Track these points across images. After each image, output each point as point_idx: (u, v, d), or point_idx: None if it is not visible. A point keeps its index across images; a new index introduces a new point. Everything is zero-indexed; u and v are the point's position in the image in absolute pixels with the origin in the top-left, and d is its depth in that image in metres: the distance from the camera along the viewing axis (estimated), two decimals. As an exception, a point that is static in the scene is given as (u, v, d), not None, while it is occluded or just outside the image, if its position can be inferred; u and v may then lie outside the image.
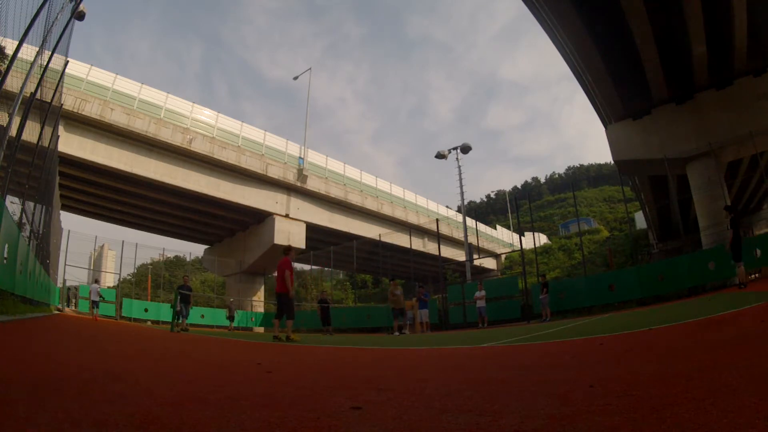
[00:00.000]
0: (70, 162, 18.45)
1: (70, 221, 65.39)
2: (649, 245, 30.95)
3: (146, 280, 32.34)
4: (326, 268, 35.50)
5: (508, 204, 68.54)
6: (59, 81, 10.53)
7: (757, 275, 12.97)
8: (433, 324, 14.56)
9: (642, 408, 1.17)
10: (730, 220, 9.08)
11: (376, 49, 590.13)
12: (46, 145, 10.01)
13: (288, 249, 8.15)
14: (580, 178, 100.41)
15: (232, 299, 23.31)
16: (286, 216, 25.47)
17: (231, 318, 20.41)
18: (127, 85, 20.04)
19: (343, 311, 21.34)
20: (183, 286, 12.64)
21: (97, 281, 19.44)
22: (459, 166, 21.58)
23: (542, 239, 51.28)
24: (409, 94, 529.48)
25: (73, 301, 21.17)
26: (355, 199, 28.54)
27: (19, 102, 5.71)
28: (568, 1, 11.33)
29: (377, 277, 39.85)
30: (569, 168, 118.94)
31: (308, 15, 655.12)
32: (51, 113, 9.82)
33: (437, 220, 20.86)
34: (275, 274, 8.65)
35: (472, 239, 23.47)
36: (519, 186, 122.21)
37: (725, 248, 9.52)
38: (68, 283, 20.84)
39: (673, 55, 13.22)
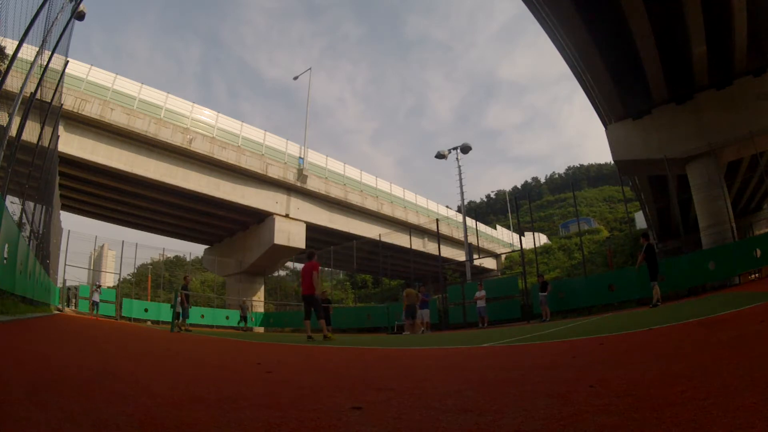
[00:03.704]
0: (70, 162, 18.46)
1: (70, 221, 65.47)
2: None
3: (146, 280, 32.36)
4: (326, 268, 35.50)
5: (508, 204, 68.57)
6: (59, 81, 10.52)
7: (757, 275, 12.97)
8: (433, 324, 14.56)
9: (642, 408, 1.17)
10: (645, 246, 9.56)
11: (375, 49, 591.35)
12: (46, 145, 10.01)
13: (312, 254, 8.61)
14: (580, 178, 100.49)
15: (245, 299, 23.43)
16: (286, 216, 25.47)
17: (244, 318, 20.45)
18: (127, 85, 20.04)
19: (344, 311, 21.33)
20: (185, 285, 12.66)
21: (99, 286, 19.61)
22: (459, 166, 21.60)
23: (542, 239, 51.29)
24: (408, 94, 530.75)
25: (73, 301, 21.20)
26: (355, 199, 28.54)
27: (19, 102, 5.71)
28: (568, 1, 11.32)
29: (377, 277, 39.84)
30: (569, 168, 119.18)
31: (306, 15, 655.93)
32: (51, 113, 9.82)
33: (437, 220, 20.87)
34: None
35: (472, 239, 23.47)
36: (519, 186, 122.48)
37: (636, 268, 10.55)
38: (68, 283, 20.87)
39: (673, 55, 13.22)
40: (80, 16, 9.68)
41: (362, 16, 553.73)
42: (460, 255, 31.59)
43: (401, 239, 25.05)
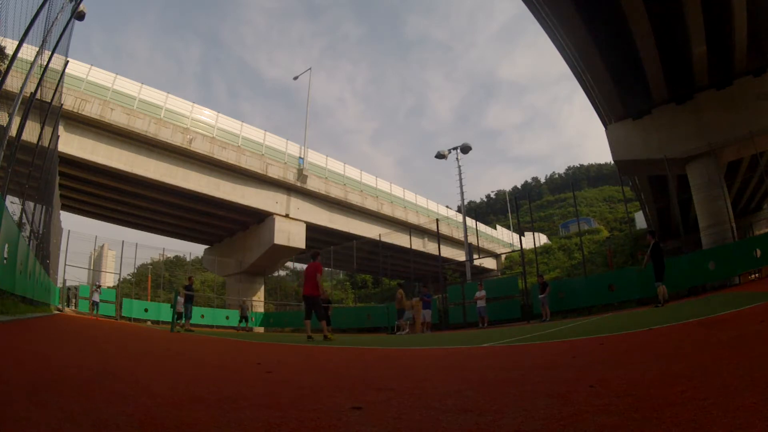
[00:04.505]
0: (70, 162, 18.46)
1: (70, 221, 65.50)
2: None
3: (146, 280, 32.37)
4: (326, 268, 35.54)
5: (508, 204, 68.58)
6: (59, 81, 10.52)
7: (757, 275, 12.97)
8: (433, 324, 14.57)
9: (642, 408, 1.17)
10: (652, 246, 9.50)
11: (375, 49, 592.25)
12: (46, 145, 10.00)
13: (316, 254, 8.58)
14: (580, 178, 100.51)
15: (245, 299, 23.46)
16: (286, 216, 25.48)
17: (245, 318, 20.41)
18: (127, 85, 20.04)
19: (344, 311, 21.34)
20: (188, 286, 12.63)
21: (98, 286, 19.64)
22: (459, 166, 21.59)
23: (542, 239, 51.30)
24: (408, 94, 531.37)
25: (73, 301, 21.20)
26: (355, 199, 28.54)
27: (19, 102, 5.71)
28: (568, 1, 11.33)
29: (377, 277, 39.85)
30: (569, 168, 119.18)
31: (306, 15, 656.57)
32: (51, 113, 9.82)
33: (437, 220, 20.86)
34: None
35: (472, 239, 23.47)
36: (519, 186, 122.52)
37: (642, 267, 10.26)
38: (68, 283, 20.87)
39: (673, 55, 13.22)
40: (80, 16, 9.68)
41: (362, 16, 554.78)
42: (460, 255, 31.59)
43: (401, 239, 25.04)
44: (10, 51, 5.58)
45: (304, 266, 8.94)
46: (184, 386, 1.98)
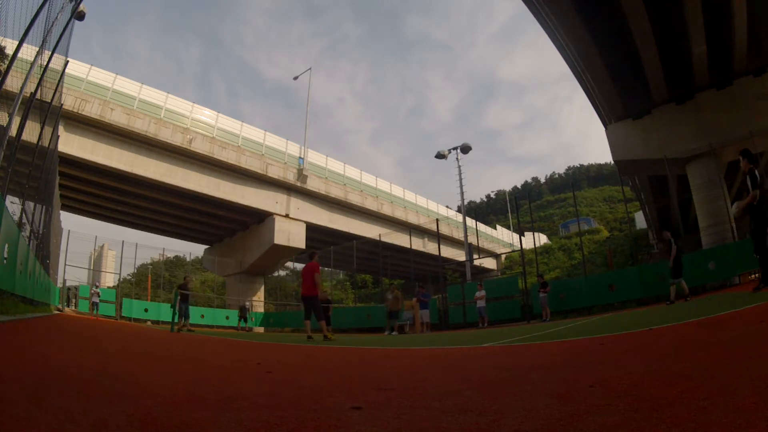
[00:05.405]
0: (70, 162, 18.46)
1: (70, 221, 65.49)
2: (649, 245, 30.92)
3: (146, 280, 32.38)
4: (326, 268, 35.50)
5: (508, 204, 68.57)
6: (59, 81, 10.51)
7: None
8: (433, 324, 14.57)
9: (642, 408, 1.17)
10: (673, 241, 9.55)
11: (375, 49, 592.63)
12: (46, 145, 10.00)
13: (313, 254, 8.61)
14: (580, 178, 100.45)
15: (247, 302, 23.52)
16: (286, 216, 25.48)
17: (244, 318, 20.43)
18: (127, 85, 20.05)
19: (344, 311, 21.33)
20: (183, 285, 12.64)
21: (98, 287, 19.67)
22: (459, 166, 21.59)
23: (542, 239, 51.31)
24: (408, 94, 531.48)
25: (73, 301, 21.20)
26: (355, 199, 28.54)
27: (19, 102, 5.70)
28: (568, 1, 11.33)
29: (377, 277, 39.83)
30: (569, 168, 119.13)
31: (306, 15, 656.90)
32: (51, 113, 9.81)
33: (437, 220, 20.86)
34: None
35: (472, 239, 23.47)
36: (519, 186, 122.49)
37: (668, 265, 9.92)
38: (68, 283, 20.88)
39: (673, 55, 13.22)
40: (80, 16, 9.68)
41: (362, 16, 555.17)
42: (460, 255, 31.58)
43: (401, 239, 25.05)
44: (10, 51, 5.58)
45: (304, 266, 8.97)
46: (184, 386, 1.98)
